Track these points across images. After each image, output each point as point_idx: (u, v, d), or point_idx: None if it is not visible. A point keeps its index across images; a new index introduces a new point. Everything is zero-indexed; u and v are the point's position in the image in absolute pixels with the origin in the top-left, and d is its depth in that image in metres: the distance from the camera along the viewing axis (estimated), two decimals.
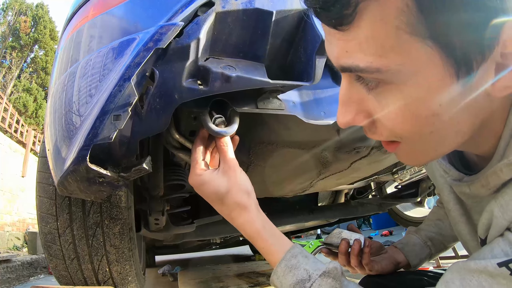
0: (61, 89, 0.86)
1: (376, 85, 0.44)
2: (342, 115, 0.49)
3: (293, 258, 0.65)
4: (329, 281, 0.60)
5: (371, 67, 0.40)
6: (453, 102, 0.41)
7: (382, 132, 0.48)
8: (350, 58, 0.42)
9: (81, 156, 0.69)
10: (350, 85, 0.47)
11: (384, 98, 0.44)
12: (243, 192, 0.72)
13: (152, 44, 0.67)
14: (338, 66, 0.45)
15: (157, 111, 0.71)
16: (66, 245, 1.08)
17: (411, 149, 0.49)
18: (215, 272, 3.23)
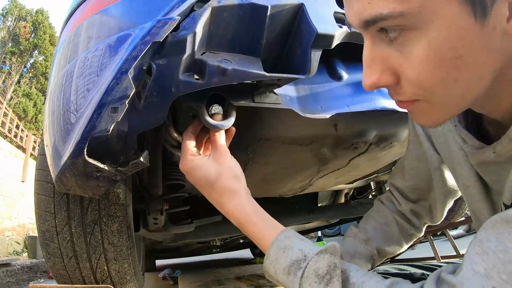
0: (59, 86, 0.86)
1: (399, 34, 0.44)
2: (367, 76, 0.49)
3: (286, 239, 0.63)
4: (326, 257, 0.56)
5: (394, 12, 0.42)
6: (473, 42, 0.42)
7: (406, 89, 0.48)
8: (374, 8, 0.43)
9: (78, 149, 0.69)
10: (372, 44, 0.48)
11: (408, 47, 0.44)
12: (232, 177, 0.72)
13: (149, 38, 0.67)
14: (361, 23, 0.46)
15: (154, 104, 0.71)
16: (64, 243, 1.08)
17: (431, 106, 0.49)
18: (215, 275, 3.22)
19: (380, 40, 0.47)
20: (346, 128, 1.04)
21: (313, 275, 0.56)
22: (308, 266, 0.57)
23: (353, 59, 1.04)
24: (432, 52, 0.43)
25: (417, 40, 0.43)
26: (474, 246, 0.45)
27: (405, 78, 0.47)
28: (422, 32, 0.43)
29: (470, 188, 0.67)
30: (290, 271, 0.59)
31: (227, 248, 4.13)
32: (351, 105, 0.94)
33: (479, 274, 0.41)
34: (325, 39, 0.76)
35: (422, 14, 0.41)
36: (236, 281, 2.71)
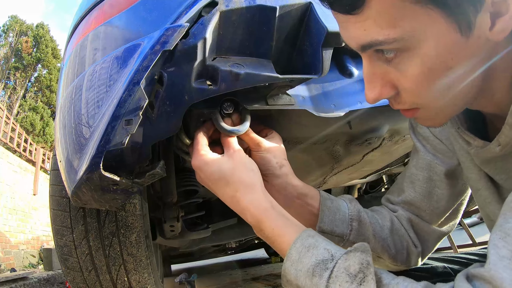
0: (69, 101, 0.86)
1: (395, 55, 0.49)
2: (369, 90, 0.54)
3: (310, 237, 0.58)
4: (357, 254, 0.51)
5: (389, 38, 0.46)
6: (461, 53, 0.47)
7: (406, 99, 0.53)
8: (369, 35, 0.48)
9: (94, 163, 0.69)
10: (371, 63, 0.52)
11: (404, 65, 0.49)
12: (248, 171, 0.68)
13: (159, 47, 0.67)
14: (359, 47, 0.51)
15: (167, 114, 0.70)
16: (83, 257, 1.07)
17: (431, 112, 0.55)
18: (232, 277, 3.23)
19: (378, 58, 0.51)
20: (359, 124, 1.03)
21: (343, 274, 0.50)
22: (337, 266, 0.52)
23: None
24: (425, 68, 0.48)
25: (411, 58, 0.48)
26: (495, 232, 0.45)
27: (403, 90, 0.52)
28: (415, 52, 0.47)
29: (480, 190, 0.66)
30: (315, 272, 0.53)
31: (242, 249, 4.12)
32: (363, 101, 0.93)
33: (505, 258, 0.41)
34: (336, 36, 0.75)
35: (413, 37, 0.46)
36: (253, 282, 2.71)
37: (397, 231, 0.80)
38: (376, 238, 0.77)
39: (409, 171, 0.81)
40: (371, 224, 0.77)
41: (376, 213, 0.82)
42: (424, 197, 0.78)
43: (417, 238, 0.81)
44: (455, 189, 0.78)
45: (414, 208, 0.81)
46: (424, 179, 0.78)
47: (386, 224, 0.79)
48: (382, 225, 0.79)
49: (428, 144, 0.79)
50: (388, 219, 0.80)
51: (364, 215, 0.78)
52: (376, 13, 0.45)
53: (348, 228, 0.75)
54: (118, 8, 0.87)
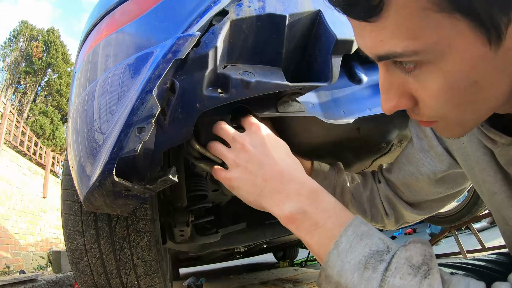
0: (82, 108, 0.87)
1: (414, 67, 0.44)
2: (385, 101, 0.50)
3: (363, 225, 0.52)
4: (418, 245, 0.48)
5: (408, 50, 0.41)
6: (489, 67, 0.42)
7: (424, 112, 0.49)
8: (386, 46, 0.43)
9: (107, 170, 0.70)
10: (388, 72, 0.48)
11: (424, 78, 0.45)
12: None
13: (171, 55, 0.68)
14: (374, 56, 0.46)
15: (179, 121, 0.71)
16: (93, 261, 1.09)
17: (451, 124, 0.50)
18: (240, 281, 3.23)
19: (395, 68, 0.47)
20: (369, 130, 1.03)
21: (405, 265, 0.45)
22: (397, 256, 0.46)
23: (371, 60, 1.03)
24: (448, 83, 0.43)
25: (432, 72, 0.43)
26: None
27: (423, 103, 0.48)
28: (437, 66, 0.42)
29: (497, 194, 0.64)
30: (367, 264, 0.47)
31: (250, 254, 4.12)
32: (373, 107, 0.93)
33: None
34: (345, 44, 0.76)
35: (436, 50, 0.41)
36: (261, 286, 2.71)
37: (373, 200, 0.94)
38: (353, 203, 0.93)
39: (400, 156, 0.90)
40: (351, 191, 0.93)
41: (362, 180, 0.96)
42: (405, 184, 0.89)
43: (390, 209, 0.93)
44: (436, 189, 0.86)
45: (395, 188, 0.92)
46: (409, 171, 0.86)
47: (365, 192, 0.94)
48: (361, 193, 0.94)
49: (425, 139, 0.81)
50: (369, 188, 0.94)
51: (346, 184, 0.94)
52: (395, 23, 0.41)
53: (332, 193, 0.89)
54: (130, 17, 0.89)
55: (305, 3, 0.79)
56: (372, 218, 0.95)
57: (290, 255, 4.99)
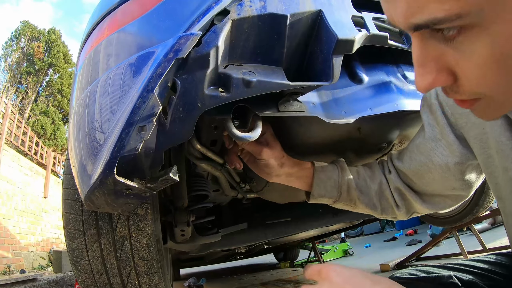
0: (83, 107, 0.88)
1: (457, 33, 0.38)
2: (421, 77, 0.43)
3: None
4: None
5: (451, 14, 0.35)
6: None
7: (465, 89, 0.43)
8: (425, 12, 0.36)
9: (108, 168, 0.70)
10: (423, 43, 0.41)
11: (469, 46, 0.38)
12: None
13: (172, 54, 0.68)
14: (410, 26, 0.39)
15: (180, 120, 0.71)
16: (94, 260, 1.09)
17: (491, 104, 0.44)
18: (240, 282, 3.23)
19: (433, 38, 0.40)
20: (370, 130, 1.04)
21: None
22: None
23: (372, 60, 1.03)
24: (497, 50, 0.37)
25: (479, 38, 0.37)
26: None
27: (465, 77, 0.41)
28: (485, 29, 0.36)
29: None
30: None
31: (250, 254, 4.12)
32: (374, 107, 0.93)
33: None
34: (346, 44, 0.76)
35: (484, 11, 0.34)
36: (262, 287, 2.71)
37: (383, 193, 0.91)
38: (362, 199, 0.91)
39: (411, 145, 0.86)
40: (358, 187, 0.91)
41: (369, 173, 0.93)
42: (416, 174, 0.85)
43: (401, 201, 0.90)
44: (450, 183, 0.81)
45: (406, 178, 0.88)
46: (420, 161, 0.82)
47: (373, 186, 0.91)
48: (369, 187, 0.91)
49: (437, 127, 0.77)
50: (377, 181, 0.91)
51: (352, 181, 0.92)
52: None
53: (338, 192, 0.91)
54: (131, 16, 0.89)
55: (306, 3, 0.79)
56: (382, 211, 0.93)
57: (290, 256, 4.99)
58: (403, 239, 6.37)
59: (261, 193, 1.41)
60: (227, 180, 1.36)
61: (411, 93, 1.01)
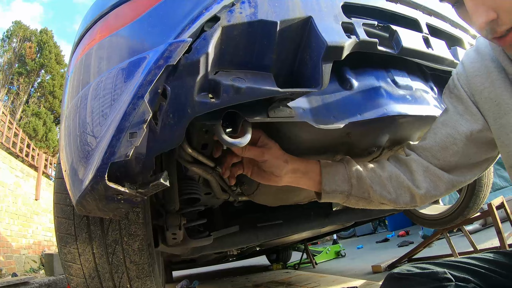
0: (74, 111, 0.88)
1: None
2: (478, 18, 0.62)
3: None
4: None
5: None
6: None
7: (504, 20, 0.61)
8: None
9: (99, 174, 0.70)
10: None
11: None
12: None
13: (163, 61, 0.68)
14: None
15: (171, 126, 0.72)
16: (86, 264, 1.09)
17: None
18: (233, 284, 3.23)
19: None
20: (359, 135, 1.05)
21: None
22: None
23: (361, 65, 1.04)
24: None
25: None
26: None
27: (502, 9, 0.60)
28: None
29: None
30: None
31: (243, 256, 4.12)
32: (363, 112, 0.94)
33: None
34: (336, 51, 0.77)
35: None
36: None
37: (396, 178, 0.92)
38: (374, 188, 0.90)
39: (435, 125, 0.93)
40: (369, 177, 0.91)
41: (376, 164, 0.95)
42: (441, 147, 0.89)
43: (423, 181, 0.91)
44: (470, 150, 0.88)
45: (428, 154, 0.92)
46: (446, 133, 0.89)
47: (384, 174, 0.92)
48: (379, 176, 0.91)
49: (460, 105, 0.88)
50: (387, 169, 0.93)
51: (361, 172, 0.91)
52: None
53: (348, 185, 0.90)
54: (123, 21, 0.89)
55: (296, 9, 0.80)
56: (397, 198, 0.92)
57: (283, 257, 5.00)
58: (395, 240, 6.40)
59: (253, 196, 1.42)
60: (219, 183, 1.37)
61: (401, 98, 1.02)
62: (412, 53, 1.00)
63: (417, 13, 1.11)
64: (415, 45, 0.99)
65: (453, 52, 1.12)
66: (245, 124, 0.80)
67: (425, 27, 1.08)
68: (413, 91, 1.07)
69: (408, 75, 1.11)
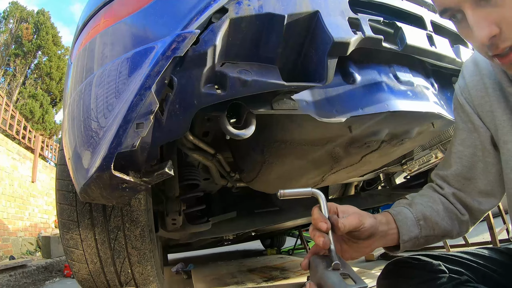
0: (78, 100, 0.88)
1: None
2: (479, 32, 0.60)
3: None
4: None
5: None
6: None
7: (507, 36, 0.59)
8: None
9: (105, 164, 0.71)
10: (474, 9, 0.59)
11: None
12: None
13: (170, 52, 0.69)
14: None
15: (176, 117, 0.73)
16: (88, 250, 1.11)
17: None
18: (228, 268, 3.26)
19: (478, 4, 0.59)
20: (360, 128, 1.06)
21: None
22: None
23: (365, 59, 1.04)
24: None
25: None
26: None
27: (506, 23, 0.58)
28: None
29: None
30: None
31: (238, 241, 4.17)
32: (365, 107, 0.95)
33: None
34: (341, 46, 0.77)
35: None
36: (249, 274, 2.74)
37: (447, 208, 0.89)
38: (438, 223, 0.87)
39: (455, 148, 0.91)
40: (431, 215, 0.87)
41: (429, 200, 0.91)
42: (469, 168, 0.88)
43: (463, 208, 0.90)
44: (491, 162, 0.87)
45: (460, 180, 0.90)
46: (470, 153, 0.88)
47: (439, 207, 0.89)
48: (437, 210, 0.88)
49: (469, 122, 0.87)
50: (439, 202, 0.90)
51: (424, 210, 0.87)
52: None
53: (418, 228, 0.85)
54: (129, 9, 0.89)
55: (303, 4, 0.80)
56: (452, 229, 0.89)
57: (277, 243, 5.05)
58: None
59: (251, 183, 1.43)
60: (218, 169, 1.38)
61: (402, 94, 1.02)
62: (415, 50, 1.00)
63: (422, 10, 1.11)
64: (419, 42, 0.99)
65: (455, 51, 1.12)
66: (249, 116, 0.81)
67: (430, 25, 1.08)
68: (414, 87, 1.07)
69: (410, 71, 1.11)
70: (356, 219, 0.74)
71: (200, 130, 1.16)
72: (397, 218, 0.84)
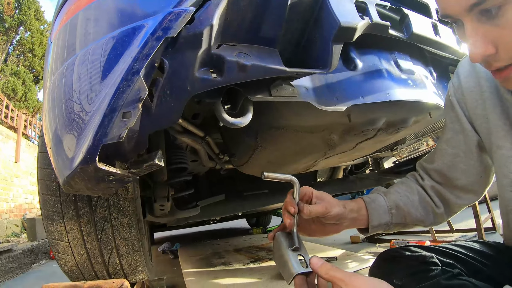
0: (59, 83, 0.80)
1: (498, 10, 0.55)
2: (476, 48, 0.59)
3: None
4: None
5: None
6: None
7: (503, 56, 0.59)
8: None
9: (89, 156, 0.64)
10: (474, 24, 0.58)
11: (505, 18, 0.55)
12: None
13: (162, 32, 0.61)
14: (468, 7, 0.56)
15: (167, 103, 0.66)
16: (74, 242, 1.05)
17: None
18: (214, 247, 3.26)
19: (479, 20, 0.57)
20: (358, 117, 1.01)
21: None
22: None
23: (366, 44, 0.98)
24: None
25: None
26: None
27: (503, 44, 0.57)
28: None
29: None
30: None
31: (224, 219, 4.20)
32: (366, 95, 0.90)
33: None
34: (348, 31, 0.71)
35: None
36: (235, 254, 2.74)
37: (423, 200, 0.95)
38: (411, 213, 0.93)
39: (440, 145, 0.94)
40: (405, 204, 0.93)
41: (407, 190, 0.96)
42: (450, 167, 0.91)
43: (439, 201, 0.95)
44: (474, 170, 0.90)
45: (440, 176, 0.94)
46: (453, 153, 0.90)
47: (415, 198, 0.95)
48: (412, 200, 0.94)
49: (457, 122, 0.89)
50: (416, 192, 0.96)
51: (399, 199, 0.94)
52: None
53: (389, 216, 0.92)
54: None
55: None
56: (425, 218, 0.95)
57: (263, 222, 5.10)
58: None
59: (242, 167, 1.39)
60: (206, 152, 1.33)
61: (403, 82, 0.98)
62: (420, 39, 0.97)
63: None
64: (425, 31, 0.96)
65: (458, 41, 1.09)
66: (246, 103, 0.75)
67: (435, 13, 1.03)
68: (414, 76, 1.03)
69: (410, 58, 1.07)
70: (323, 207, 0.82)
71: (190, 112, 1.10)
72: (370, 206, 0.92)
